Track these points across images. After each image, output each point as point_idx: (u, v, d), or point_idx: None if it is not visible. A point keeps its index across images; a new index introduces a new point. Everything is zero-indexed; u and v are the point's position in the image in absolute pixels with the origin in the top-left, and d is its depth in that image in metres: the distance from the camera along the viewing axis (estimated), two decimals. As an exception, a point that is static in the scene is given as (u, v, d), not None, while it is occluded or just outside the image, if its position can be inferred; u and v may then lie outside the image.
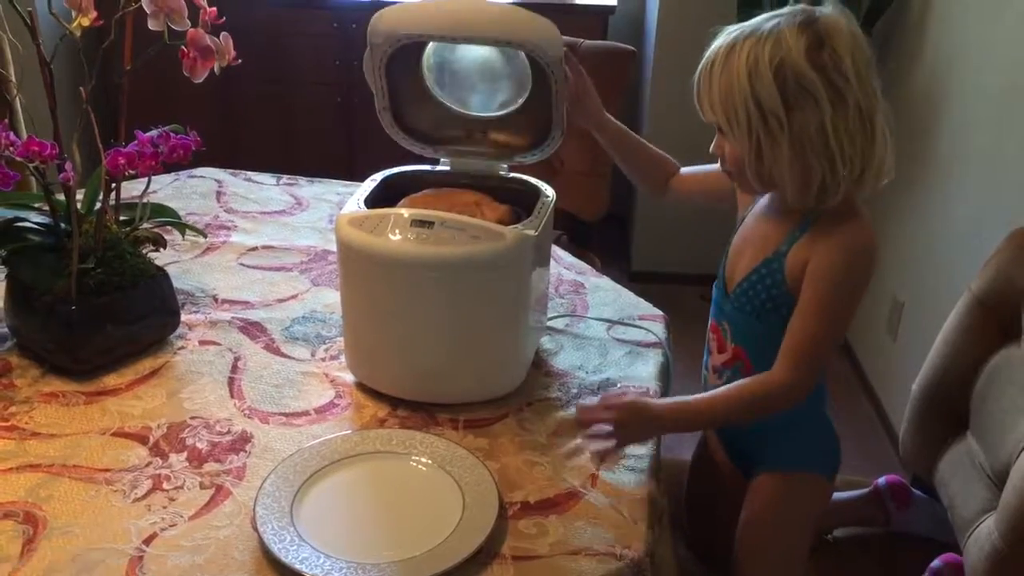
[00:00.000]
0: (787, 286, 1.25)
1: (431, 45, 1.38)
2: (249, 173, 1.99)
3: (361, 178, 1.42)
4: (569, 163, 2.33)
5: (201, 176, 1.95)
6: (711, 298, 1.39)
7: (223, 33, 1.29)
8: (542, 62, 1.27)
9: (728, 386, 1.27)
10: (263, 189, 1.93)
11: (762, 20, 1.19)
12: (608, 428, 1.19)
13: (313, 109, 3.16)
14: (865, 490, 1.53)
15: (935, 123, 2.41)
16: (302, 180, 1.98)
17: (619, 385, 1.36)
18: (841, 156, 1.16)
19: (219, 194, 1.89)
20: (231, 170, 2.00)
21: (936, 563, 1.41)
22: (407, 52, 1.35)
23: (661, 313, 1.58)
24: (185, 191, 1.88)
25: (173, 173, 1.93)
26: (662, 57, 3.06)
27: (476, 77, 1.40)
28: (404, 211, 1.24)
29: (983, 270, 1.41)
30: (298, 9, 3.08)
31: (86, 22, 1.24)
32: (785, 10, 1.19)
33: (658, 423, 1.23)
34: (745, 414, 1.28)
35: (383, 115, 1.39)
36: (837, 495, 1.54)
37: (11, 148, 1.18)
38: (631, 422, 1.20)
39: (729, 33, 1.19)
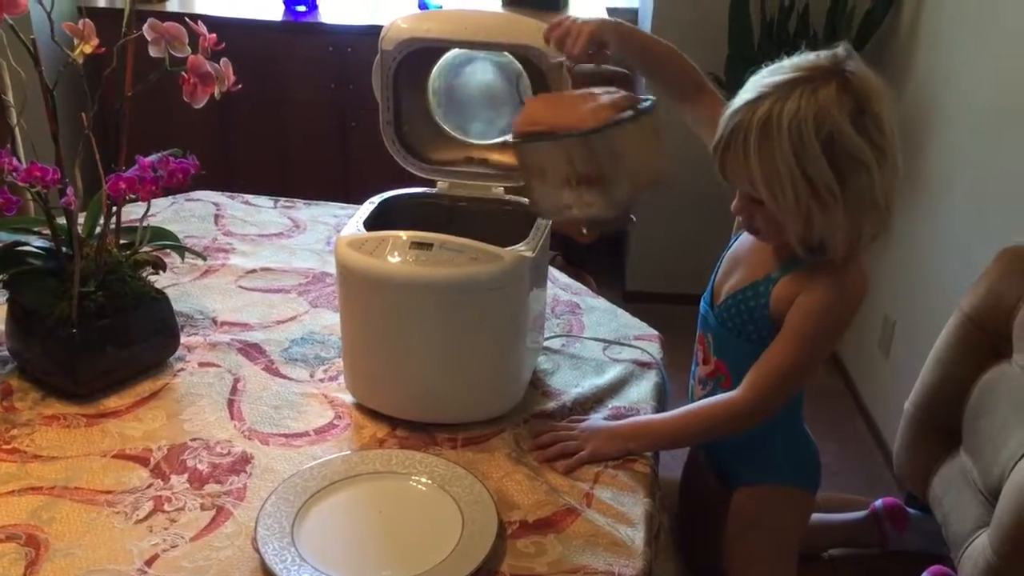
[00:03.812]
0: (769, 311, 1.26)
1: (437, 68, 1.40)
2: (247, 196, 2.00)
3: (357, 200, 1.43)
4: (564, 184, 2.35)
5: (199, 199, 1.97)
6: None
7: (223, 59, 1.31)
8: (543, 67, 1.30)
9: (690, 405, 1.31)
10: (261, 212, 1.94)
11: (787, 80, 1.13)
12: (574, 443, 1.25)
13: (309, 132, 3.18)
14: (862, 513, 1.54)
15: (924, 142, 2.44)
16: (300, 203, 1.99)
17: (610, 406, 1.37)
18: (887, 207, 1.17)
19: (217, 217, 1.90)
20: (229, 193, 2.01)
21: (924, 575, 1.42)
22: (414, 71, 1.38)
23: (656, 333, 1.59)
24: (183, 214, 1.90)
25: (171, 197, 1.94)
26: (655, 79, 3.09)
27: (478, 105, 1.42)
28: (403, 233, 1.26)
29: (974, 288, 1.43)
30: (294, 33, 3.11)
31: (88, 49, 1.25)
32: (806, 63, 1.15)
33: (621, 439, 1.26)
34: (705, 433, 1.31)
35: (386, 129, 1.41)
36: (834, 516, 1.55)
37: (14, 173, 1.20)
38: (592, 437, 1.25)
39: (753, 101, 1.14)
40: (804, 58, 1.17)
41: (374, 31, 1.39)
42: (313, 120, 3.16)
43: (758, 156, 1.13)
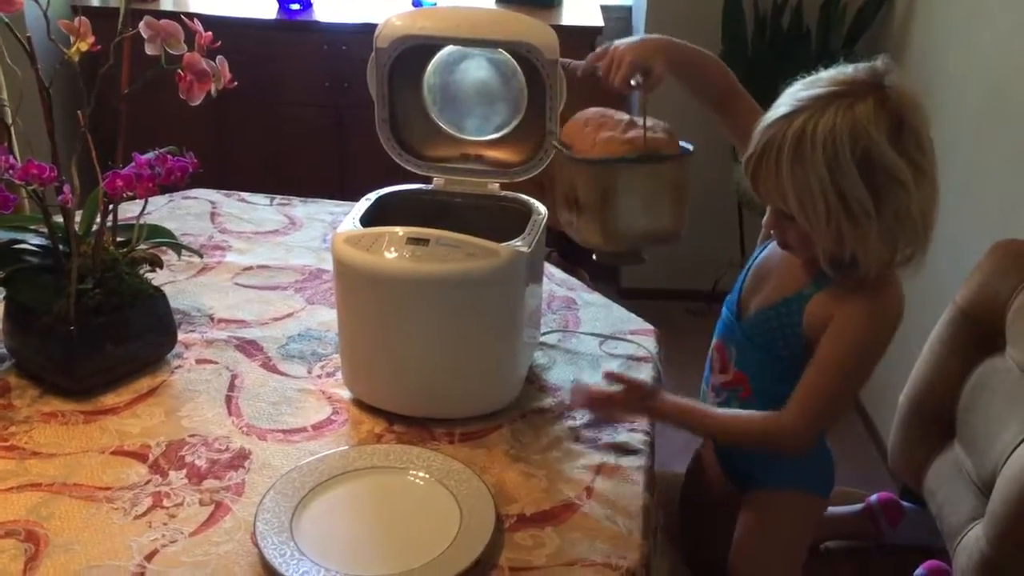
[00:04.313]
0: (802, 329, 1.23)
1: (432, 64, 1.41)
2: (243, 194, 2.01)
3: (351, 198, 1.44)
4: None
5: (195, 197, 1.97)
6: (708, 313, 1.41)
7: (219, 57, 1.31)
8: (538, 64, 1.30)
9: (739, 412, 1.28)
10: (257, 209, 1.94)
11: (822, 95, 1.10)
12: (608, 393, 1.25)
13: (303, 130, 3.18)
14: (858, 506, 1.55)
15: (918, 139, 2.45)
16: (295, 200, 1.99)
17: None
18: (924, 227, 1.14)
19: (213, 215, 1.90)
20: (225, 191, 2.01)
21: (920, 571, 1.43)
22: (409, 68, 1.38)
23: (652, 328, 1.60)
24: (179, 212, 1.90)
25: (167, 195, 1.95)
26: (649, 76, 3.09)
27: (473, 101, 1.43)
28: (399, 229, 1.26)
29: (967, 282, 1.44)
30: (288, 31, 3.11)
31: (84, 47, 1.26)
32: (844, 76, 1.12)
33: (658, 410, 1.25)
34: (744, 443, 1.30)
35: (382, 127, 1.42)
36: (830, 509, 1.55)
37: (11, 171, 1.20)
38: (633, 398, 1.24)
39: (788, 115, 1.11)
40: (842, 71, 1.13)
41: (368, 29, 1.39)
42: (308, 118, 3.17)
43: (791, 172, 1.10)
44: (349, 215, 1.34)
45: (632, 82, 1.22)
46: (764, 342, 1.28)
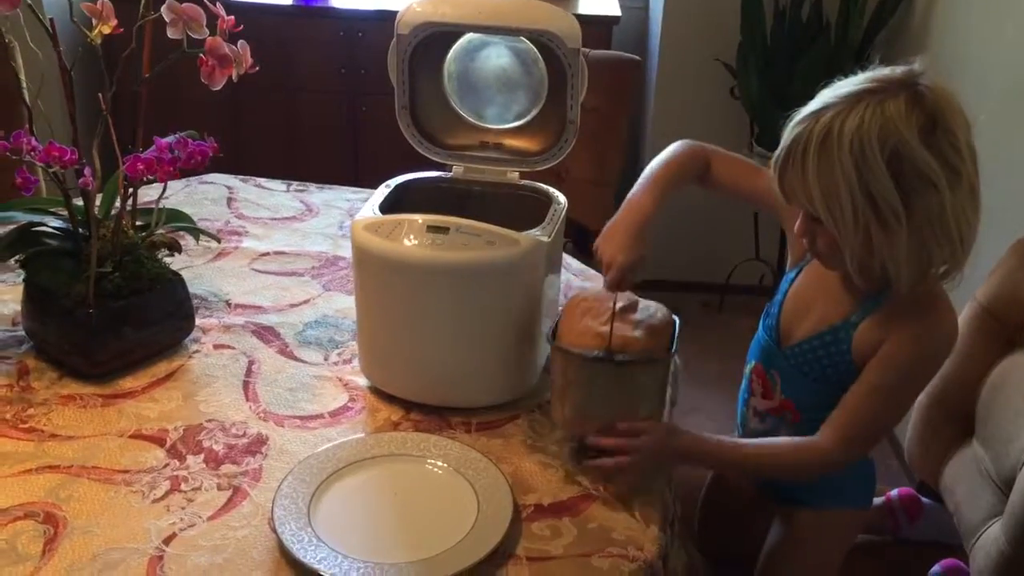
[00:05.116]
0: (852, 356, 1.20)
1: (452, 51, 1.40)
2: (259, 179, 2.01)
3: (367, 185, 1.43)
4: (575, 171, 2.35)
5: (212, 182, 1.97)
6: (722, 306, 1.40)
7: (240, 41, 1.31)
8: (559, 52, 1.30)
9: (766, 442, 1.24)
10: (273, 195, 1.94)
11: (853, 92, 1.07)
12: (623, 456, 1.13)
13: (318, 117, 3.18)
14: (878, 501, 1.54)
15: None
16: (312, 186, 1.99)
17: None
18: (960, 238, 1.08)
19: (230, 200, 1.90)
20: (242, 176, 2.01)
21: (936, 568, 1.42)
22: (430, 55, 1.38)
23: (669, 319, 1.58)
24: (196, 197, 1.90)
25: (184, 179, 1.95)
26: (666, 66, 3.08)
27: (493, 88, 1.42)
28: (419, 217, 1.26)
29: (989, 279, 1.43)
30: (304, 18, 3.10)
31: (107, 30, 1.25)
32: (878, 75, 1.08)
33: (681, 456, 1.19)
34: (779, 474, 1.27)
35: (401, 114, 1.41)
36: None
37: (32, 153, 1.20)
38: (653, 448, 1.14)
39: (816, 112, 1.08)
40: (878, 71, 1.10)
41: (385, 16, 1.39)
42: (323, 104, 3.16)
43: (816, 170, 1.06)
44: (368, 202, 1.34)
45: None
46: (812, 370, 1.24)
